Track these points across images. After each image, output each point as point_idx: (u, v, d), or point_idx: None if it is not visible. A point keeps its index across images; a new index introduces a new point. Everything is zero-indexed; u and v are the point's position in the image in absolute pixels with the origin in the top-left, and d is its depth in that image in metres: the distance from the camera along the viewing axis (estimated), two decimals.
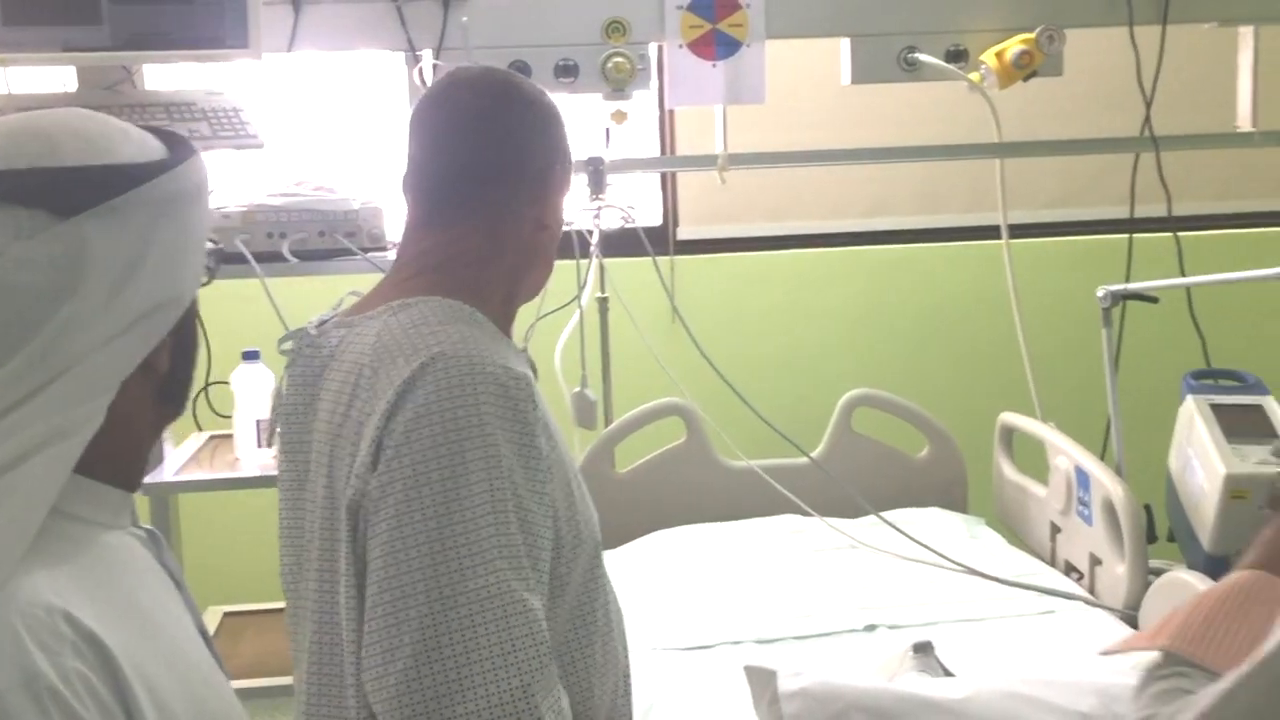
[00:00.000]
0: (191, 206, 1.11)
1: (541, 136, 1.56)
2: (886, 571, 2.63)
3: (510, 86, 1.58)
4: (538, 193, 1.55)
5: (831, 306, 3.89)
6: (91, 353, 1.02)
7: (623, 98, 2.84)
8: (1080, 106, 3.54)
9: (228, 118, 2.58)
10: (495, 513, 1.33)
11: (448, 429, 1.33)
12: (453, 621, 1.29)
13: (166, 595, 1.14)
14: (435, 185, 1.55)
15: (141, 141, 1.11)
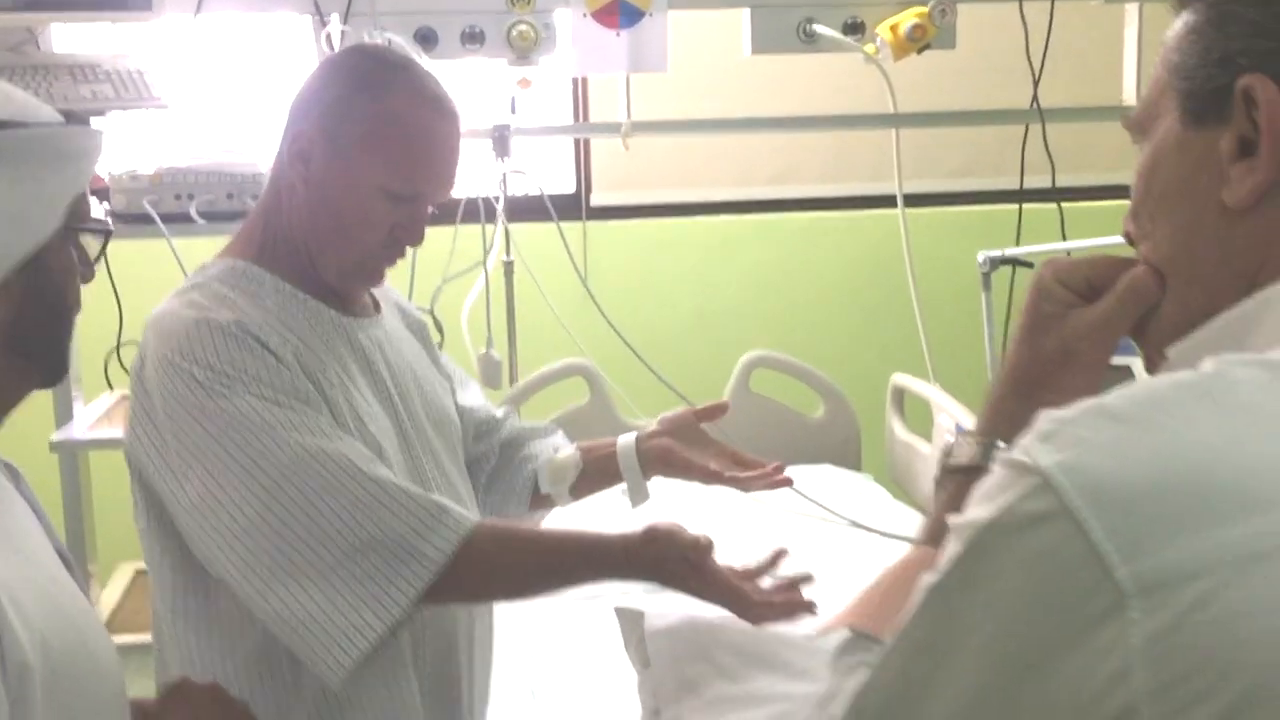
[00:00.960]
0: (40, 169, 1.16)
1: (311, 87, 1.63)
2: (774, 526, 2.73)
3: (341, 52, 1.72)
4: (288, 137, 1.61)
5: (739, 272, 3.99)
6: None
7: (528, 64, 2.90)
8: (974, 80, 3.63)
9: (133, 80, 2.62)
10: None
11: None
12: None
13: (28, 521, 1.21)
14: None
15: (22, 104, 1.18)
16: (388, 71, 1.60)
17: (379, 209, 1.59)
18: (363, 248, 1.62)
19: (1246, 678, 0.69)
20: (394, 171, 1.58)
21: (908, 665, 0.82)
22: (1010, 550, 0.75)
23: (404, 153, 1.58)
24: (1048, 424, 0.76)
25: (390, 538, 1.47)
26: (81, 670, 1.16)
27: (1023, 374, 1.03)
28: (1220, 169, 0.87)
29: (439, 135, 1.61)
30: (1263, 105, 0.84)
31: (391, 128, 1.57)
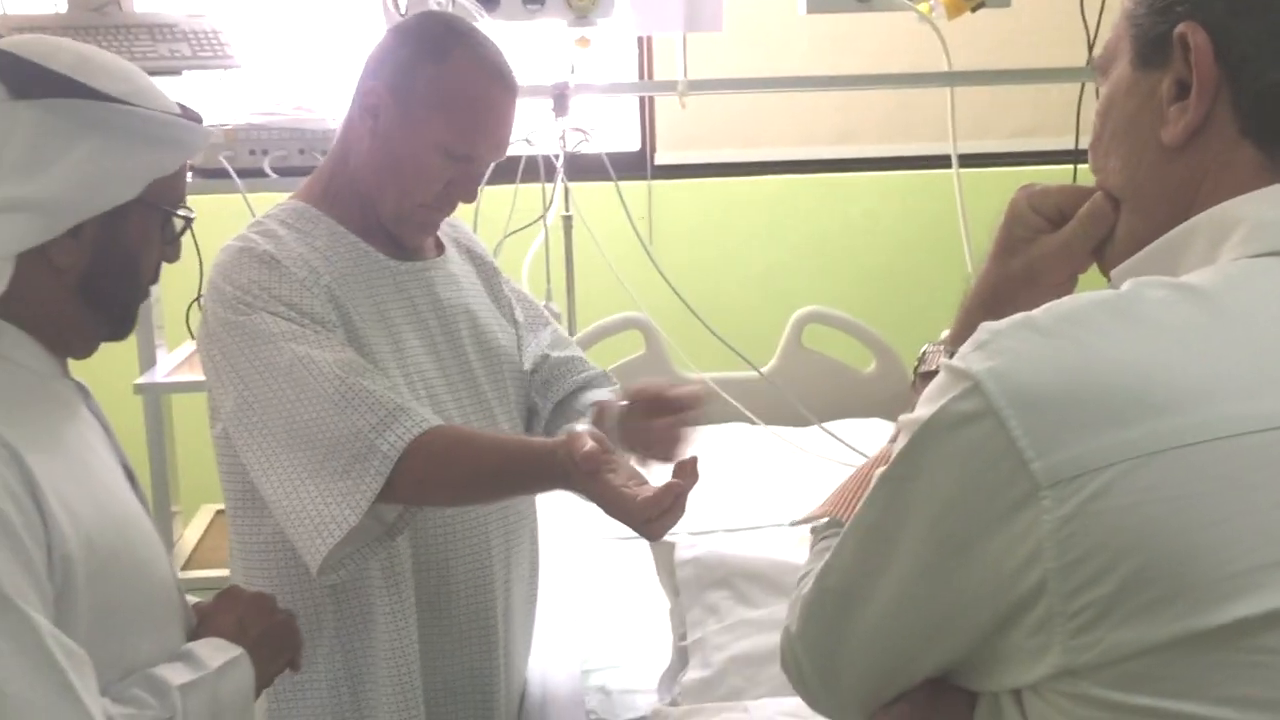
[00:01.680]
0: (130, 146, 1.29)
1: (382, 49, 1.76)
2: (823, 476, 2.80)
3: (412, 17, 1.82)
4: (359, 93, 1.74)
5: (797, 230, 4.04)
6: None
7: (587, 24, 2.98)
8: (1031, 39, 3.63)
9: (208, 39, 2.74)
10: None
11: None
12: None
13: (91, 434, 1.35)
14: None
15: (140, 89, 1.32)
16: (454, 38, 1.73)
17: (436, 165, 1.72)
18: (418, 198, 1.75)
19: (1138, 558, 0.77)
20: (453, 132, 1.71)
21: (861, 545, 0.92)
22: (945, 444, 0.84)
23: (463, 116, 1.71)
24: (983, 334, 0.85)
25: (355, 436, 1.58)
26: (125, 568, 1.29)
27: (991, 291, 1.11)
28: (1161, 109, 0.94)
29: (496, 102, 1.74)
30: (1195, 51, 0.90)
31: (454, 91, 1.70)
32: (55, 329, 1.33)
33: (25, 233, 1.24)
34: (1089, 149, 1.04)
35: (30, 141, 1.24)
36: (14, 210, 1.23)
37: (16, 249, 1.24)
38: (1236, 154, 0.91)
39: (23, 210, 1.23)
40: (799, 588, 1.02)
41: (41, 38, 1.32)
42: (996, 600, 0.83)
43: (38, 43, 1.31)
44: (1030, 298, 1.03)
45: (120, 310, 1.39)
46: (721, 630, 1.83)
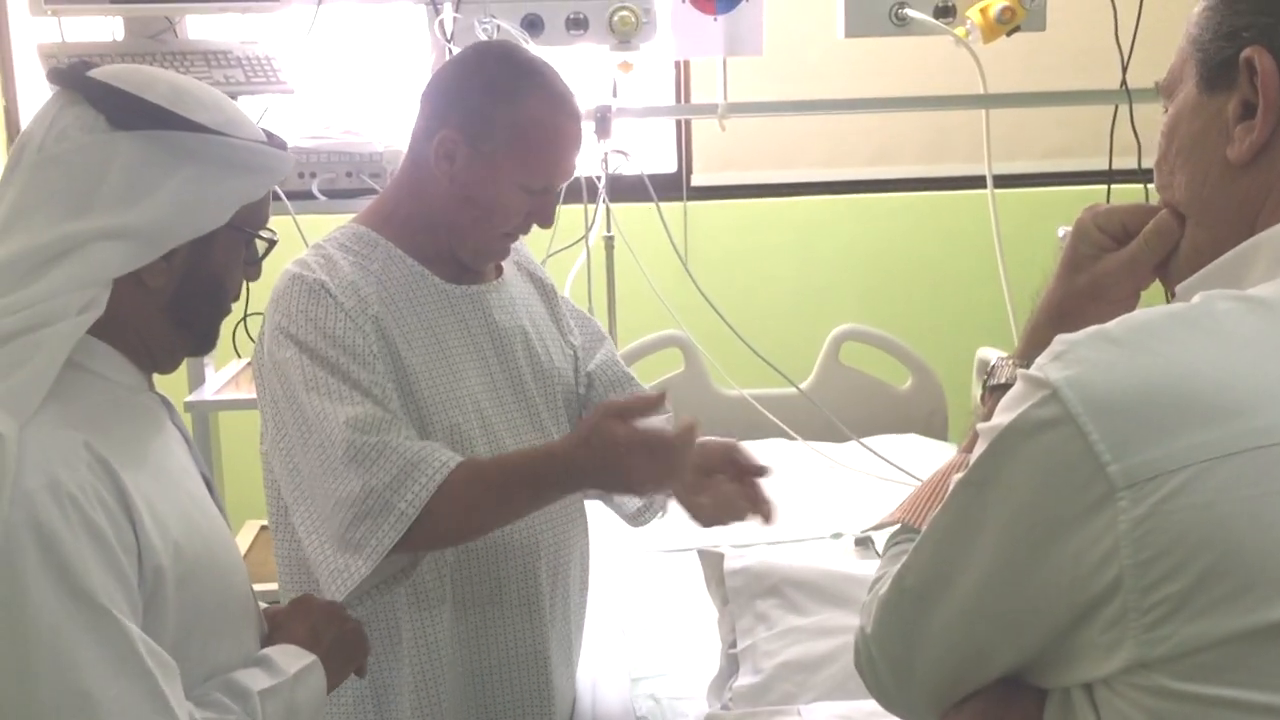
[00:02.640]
0: (222, 174, 1.34)
1: (448, 85, 1.81)
2: (860, 490, 2.85)
3: (472, 49, 1.87)
4: (431, 133, 1.78)
5: (833, 250, 4.10)
6: (88, 243, 1.27)
7: (629, 48, 3.04)
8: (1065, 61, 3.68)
9: (261, 65, 2.81)
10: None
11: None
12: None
13: (175, 445, 1.40)
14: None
15: (231, 118, 1.37)
16: (523, 77, 1.77)
17: (517, 201, 1.78)
18: (499, 231, 1.82)
19: (1211, 555, 0.82)
20: (532, 170, 1.77)
21: (939, 547, 0.97)
22: (1024, 449, 0.89)
23: (541, 154, 1.77)
24: (1059, 345, 0.90)
25: (367, 494, 1.64)
26: (209, 575, 1.34)
27: (1057, 307, 1.15)
28: (1227, 129, 0.99)
29: (569, 135, 1.80)
30: (1261, 73, 0.95)
31: (530, 134, 1.75)
32: (144, 345, 1.38)
33: (124, 259, 1.29)
34: (1154, 167, 1.08)
35: (129, 171, 1.29)
36: (115, 238, 1.28)
37: (115, 274, 1.29)
38: None
39: (123, 238, 1.28)
40: (873, 589, 1.06)
41: (137, 68, 1.37)
42: (1073, 597, 0.87)
43: (133, 73, 1.36)
44: (1096, 313, 1.07)
45: (205, 328, 1.45)
46: (772, 637, 1.87)
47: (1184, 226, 1.05)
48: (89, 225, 1.28)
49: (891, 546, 1.11)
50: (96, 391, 1.30)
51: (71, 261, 1.27)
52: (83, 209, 1.28)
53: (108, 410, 1.31)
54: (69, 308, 1.26)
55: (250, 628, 1.45)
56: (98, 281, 1.29)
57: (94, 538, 1.19)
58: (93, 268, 1.28)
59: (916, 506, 1.13)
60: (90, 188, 1.29)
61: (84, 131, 1.30)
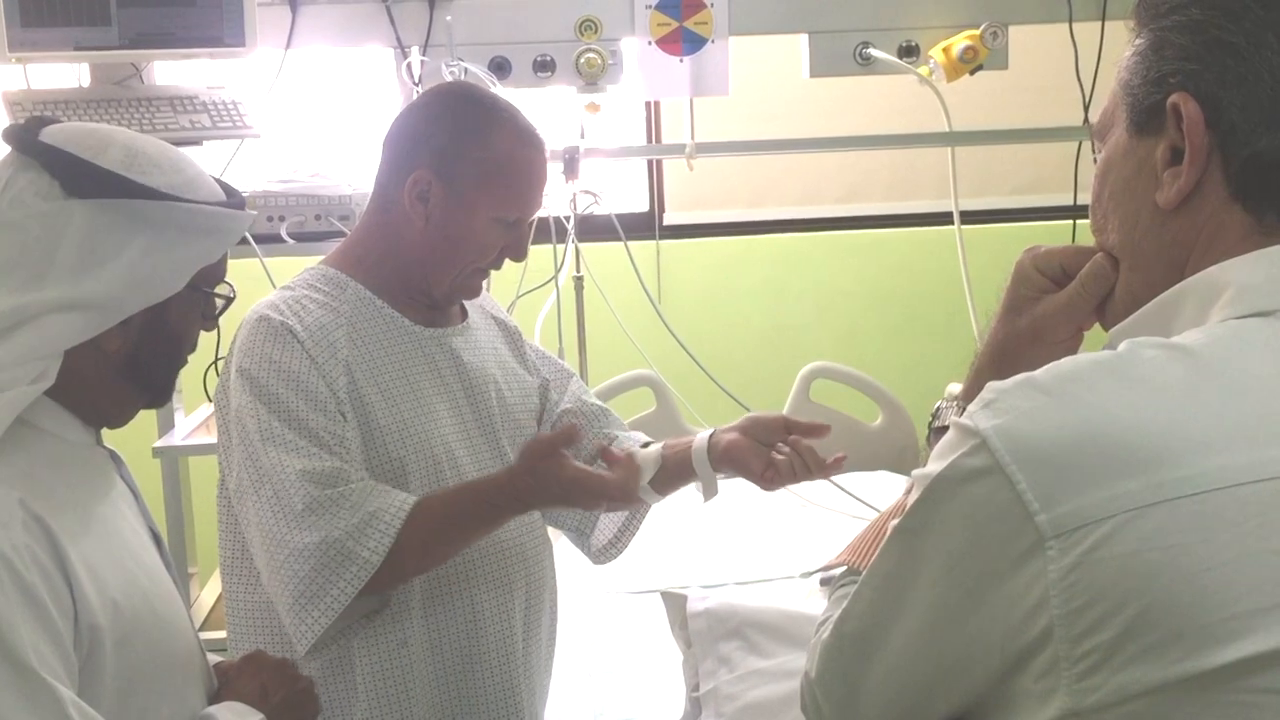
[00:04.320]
0: (179, 240, 1.33)
1: (415, 127, 1.82)
2: (830, 528, 2.84)
3: (434, 91, 1.88)
4: (401, 175, 1.80)
5: (804, 287, 4.11)
6: (43, 315, 1.26)
7: (596, 90, 3.06)
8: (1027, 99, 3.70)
9: (227, 110, 2.82)
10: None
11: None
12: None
13: (121, 501, 1.39)
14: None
15: (189, 180, 1.36)
16: (487, 114, 1.81)
17: (492, 235, 1.81)
18: (476, 268, 1.84)
19: (1138, 604, 0.82)
20: (505, 203, 1.80)
21: (876, 594, 0.97)
22: (955, 498, 0.90)
23: (513, 187, 1.81)
24: (988, 393, 0.91)
25: (325, 545, 1.65)
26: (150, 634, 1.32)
27: (999, 349, 1.16)
28: (1155, 173, 0.99)
29: (537, 166, 1.84)
30: (1186, 119, 0.96)
31: (501, 168, 1.79)
32: (94, 403, 1.37)
33: (79, 330, 1.29)
34: (1089, 210, 1.09)
35: (83, 241, 1.28)
36: (68, 310, 1.27)
37: (69, 345, 1.28)
38: (1227, 216, 0.96)
39: (77, 309, 1.28)
40: (818, 634, 1.06)
41: (92, 130, 1.36)
42: (1005, 646, 0.88)
43: (87, 135, 1.34)
44: (1037, 355, 1.07)
45: (161, 383, 1.44)
46: (734, 680, 1.87)
47: (1119, 269, 1.06)
48: (42, 297, 1.26)
49: (837, 588, 1.12)
50: (39, 447, 1.29)
51: (24, 333, 1.26)
52: (37, 280, 1.27)
53: (49, 467, 1.29)
54: (18, 378, 1.25)
55: (195, 686, 1.43)
56: (51, 354, 1.28)
57: (27, 599, 1.18)
58: (46, 340, 1.27)
59: (861, 549, 1.14)
60: (45, 258, 1.27)
61: (39, 198, 1.28)
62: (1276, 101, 0.93)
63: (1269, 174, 0.94)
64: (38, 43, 2.55)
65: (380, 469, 1.76)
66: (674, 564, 2.67)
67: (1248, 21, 0.94)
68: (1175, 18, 0.97)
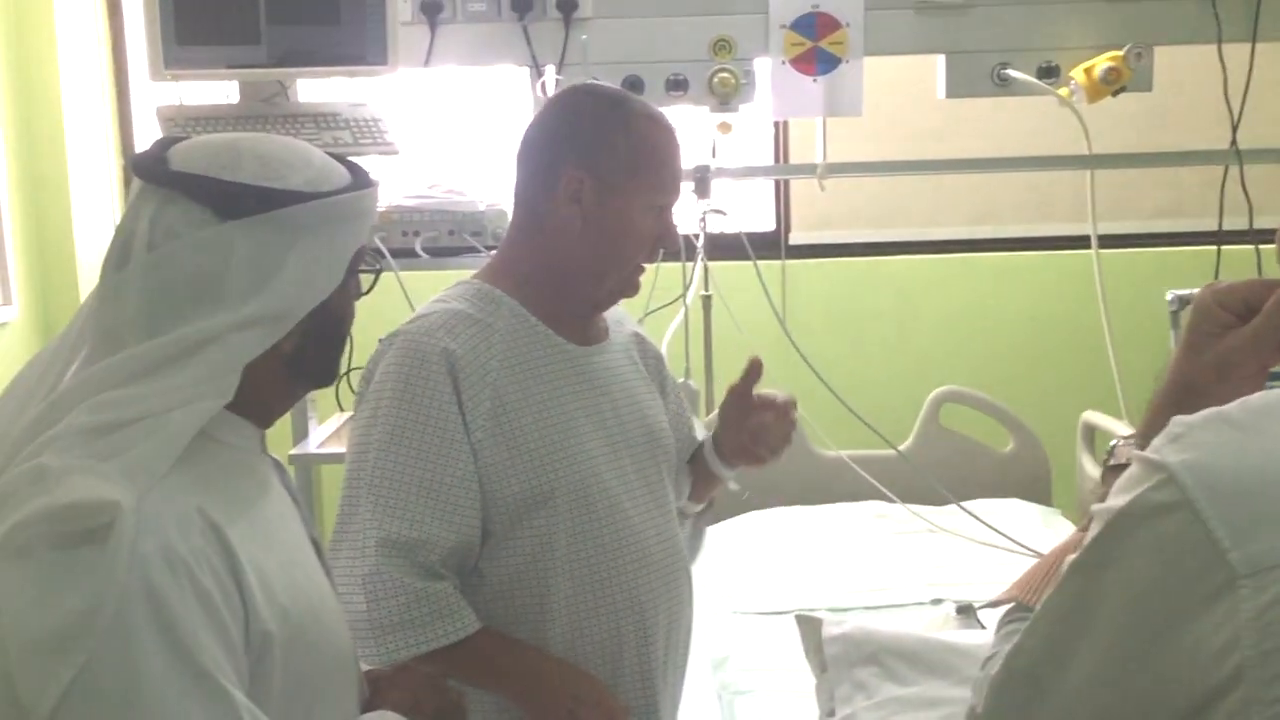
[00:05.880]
0: (331, 234, 1.34)
1: (554, 130, 1.83)
2: (960, 554, 2.81)
3: (559, 95, 1.90)
4: (551, 180, 1.79)
5: (933, 309, 4.06)
6: (225, 335, 1.28)
7: (729, 109, 3.06)
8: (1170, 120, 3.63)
9: (368, 127, 2.87)
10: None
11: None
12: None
13: (285, 508, 1.41)
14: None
15: (320, 169, 1.37)
16: (621, 105, 1.83)
17: (647, 223, 1.81)
18: (637, 260, 1.84)
19: None
20: (656, 186, 1.81)
21: (1051, 630, 0.95)
22: (1140, 533, 0.87)
23: (662, 169, 1.82)
24: (1177, 427, 0.88)
25: (376, 620, 1.72)
26: (314, 640, 1.34)
27: (1182, 386, 1.12)
28: None
29: (675, 146, 1.85)
30: None
31: (648, 152, 1.80)
32: (266, 401, 1.39)
33: (259, 343, 1.31)
34: None
35: (249, 261, 1.29)
36: (248, 327, 1.29)
37: (249, 359, 1.30)
38: None
39: (255, 325, 1.30)
40: (984, 669, 1.04)
41: (217, 145, 1.36)
42: (1192, 687, 0.85)
43: (217, 153, 1.34)
44: (1221, 392, 1.04)
45: (326, 365, 1.45)
46: (871, 707, 1.84)
47: None
48: (223, 320, 1.28)
49: (1005, 625, 1.09)
50: (212, 456, 1.32)
51: (210, 351, 1.27)
52: (212, 306, 1.28)
53: (222, 475, 1.32)
54: (204, 394, 1.28)
55: (350, 692, 1.45)
56: (234, 369, 1.30)
57: (204, 604, 1.20)
58: (230, 357, 1.29)
59: (1031, 584, 1.11)
60: (216, 284, 1.29)
61: (193, 227, 1.29)
62: None
63: None
64: (191, 61, 2.62)
65: (527, 490, 1.77)
66: (801, 587, 2.66)
67: None
68: None
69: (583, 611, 1.80)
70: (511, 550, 1.78)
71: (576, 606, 1.79)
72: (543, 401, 1.80)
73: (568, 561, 1.78)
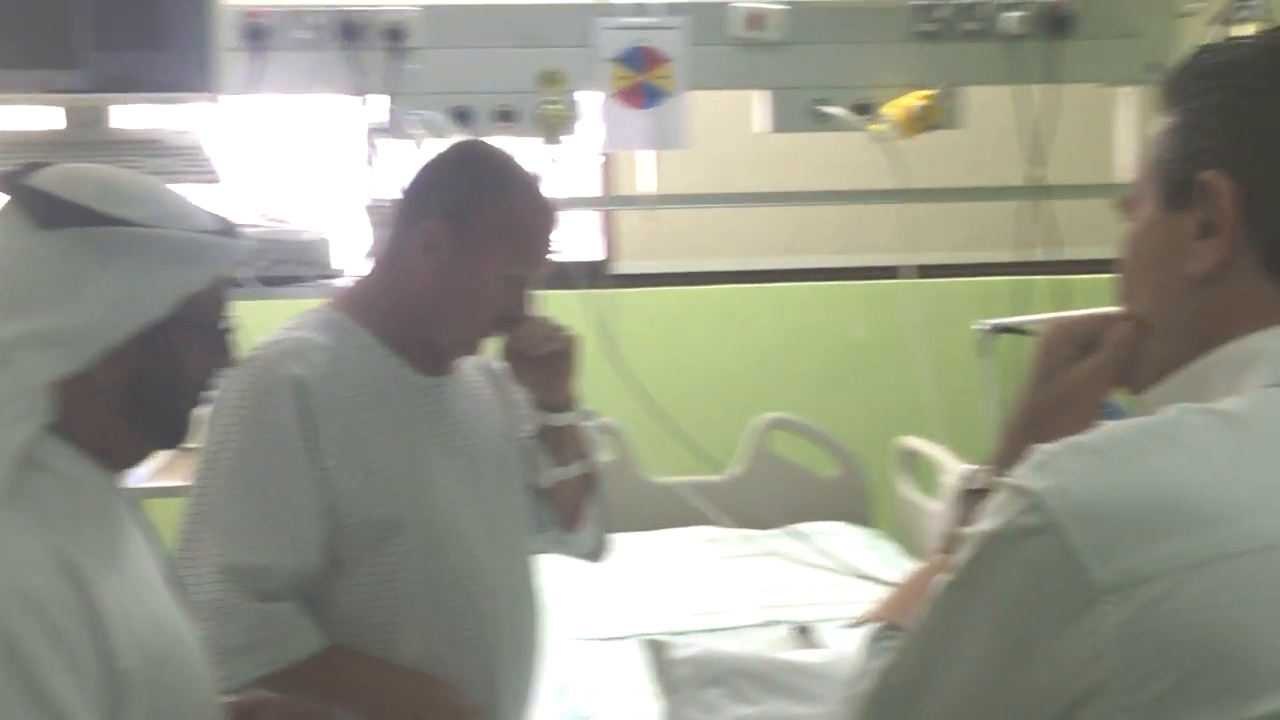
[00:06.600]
0: (154, 267, 1.32)
1: (433, 178, 1.86)
2: (791, 577, 2.89)
3: (455, 145, 1.94)
4: (414, 224, 1.83)
5: (755, 337, 4.17)
6: (16, 349, 1.26)
7: (557, 142, 3.09)
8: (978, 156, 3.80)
9: (190, 154, 2.80)
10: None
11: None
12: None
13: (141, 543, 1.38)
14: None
15: (170, 210, 1.35)
16: (505, 173, 1.85)
17: (496, 291, 1.82)
18: (481, 323, 1.85)
19: (1194, 657, 0.86)
20: (516, 257, 1.82)
21: (924, 648, 1.00)
22: (1008, 556, 0.93)
23: (524, 242, 1.83)
24: (1041, 455, 0.95)
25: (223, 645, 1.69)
26: (175, 675, 1.32)
27: (1029, 416, 1.19)
28: (1186, 245, 1.04)
29: (548, 223, 1.87)
30: (1221, 196, 1.01)
31: (515, 222, 1.82)
32: (100, 443, 1.36)
33: (56, 364, 1.28)
34: (1116, 278, 1.13)
35: (56, 272, 1.28)
36: (45, 342, 1.27)
37: (48, 379, 1.27)
38: (1256, 288, 1.00)
39: (54, 342, 1.27)
40: (852, 686, 1.08)
41: (75, 170, 1.36)
42: (1057, 700, 0.91)
43: (68, 176, 1.34)
44: (1066, 420, 1.11)
45: (168, 421, 1.42)
46: None
47: (1146, 336, 1.11)
48: (20, 328, 1.27)
49: (875, 643, 1.14)
50: (61, 492, 1.29)
51: (10, 366, 1.26)
52: (18, 313, 1.27)
53: (73, 511, 1.29)
54: (19, 414, 1.25)
55: None
56: (30, 389, 1.27)
57: (60, 645, 1.18)
58: (22, 375, 1.27)
59: (895, 605, 1.16)
60: (24, 291, 1.28)
61: (13, 235, 1.30)
62: None
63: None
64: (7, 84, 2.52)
65: (377, 519, 1.77)
66: (637, 612, 2.69)
67: (1274, 105, 0.99)
68: (1206, 99, 1.03)
69: (431, 641, 1.81)
70: (361, 579, 1.78)
71: (425, 636, 1.80)
72: (394, 431, 1.80)
73: (416, 591, 1.79)
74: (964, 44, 3.12)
